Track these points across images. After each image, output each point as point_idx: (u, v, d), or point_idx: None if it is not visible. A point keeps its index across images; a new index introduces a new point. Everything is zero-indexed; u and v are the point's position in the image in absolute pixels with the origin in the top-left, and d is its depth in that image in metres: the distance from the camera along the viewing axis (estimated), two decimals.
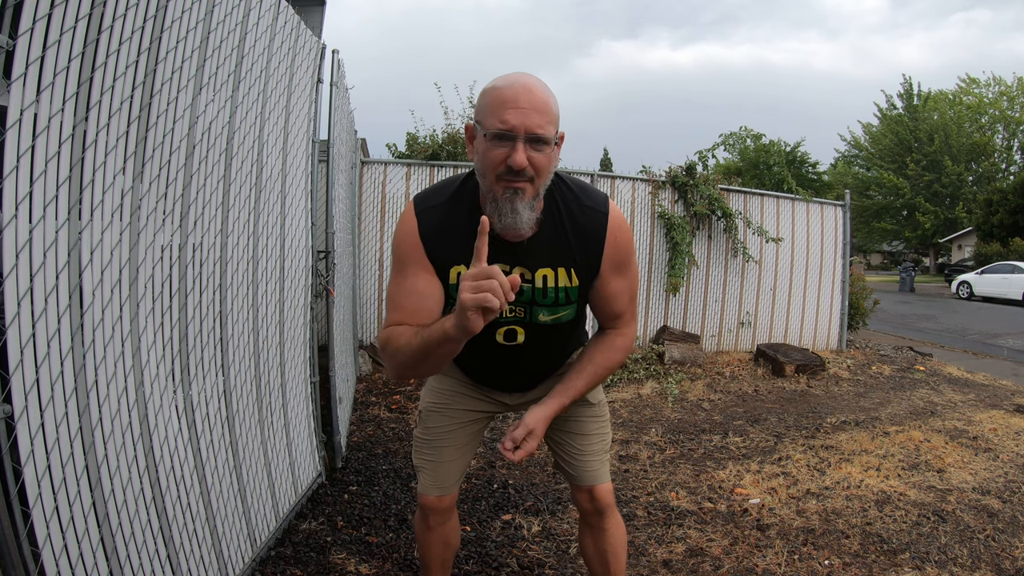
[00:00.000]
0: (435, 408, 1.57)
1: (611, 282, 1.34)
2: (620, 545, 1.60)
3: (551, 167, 1.20)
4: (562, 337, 1.45)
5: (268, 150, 2.20)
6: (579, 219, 1.29)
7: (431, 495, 1.56)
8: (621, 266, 1.34)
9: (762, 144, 21.60)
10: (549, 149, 1.17)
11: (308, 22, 2.70)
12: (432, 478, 1.56)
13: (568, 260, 1.30)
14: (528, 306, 1.33)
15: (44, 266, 1.17)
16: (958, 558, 2.26)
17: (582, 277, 1.32)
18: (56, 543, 1.18)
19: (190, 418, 1.70)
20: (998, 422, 4.08)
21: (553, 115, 1.17)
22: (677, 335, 5.93)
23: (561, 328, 1.40)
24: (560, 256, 1.29)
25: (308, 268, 2.67)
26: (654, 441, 3.64)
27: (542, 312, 1.33)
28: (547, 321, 1.35)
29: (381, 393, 4.47)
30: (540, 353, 1.46)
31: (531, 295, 1.31)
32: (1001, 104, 27.71)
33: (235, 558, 1.89)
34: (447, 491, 1.57)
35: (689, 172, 6.07)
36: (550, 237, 1.27)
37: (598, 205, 1.31)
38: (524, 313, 1.34)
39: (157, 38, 1.47)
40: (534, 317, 1.34)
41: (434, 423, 1.56)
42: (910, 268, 20.17)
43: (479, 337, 1.24)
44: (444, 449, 1.55)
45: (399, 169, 5.44)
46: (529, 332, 1.37)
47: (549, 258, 1.29)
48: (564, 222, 1.29)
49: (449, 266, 1.28)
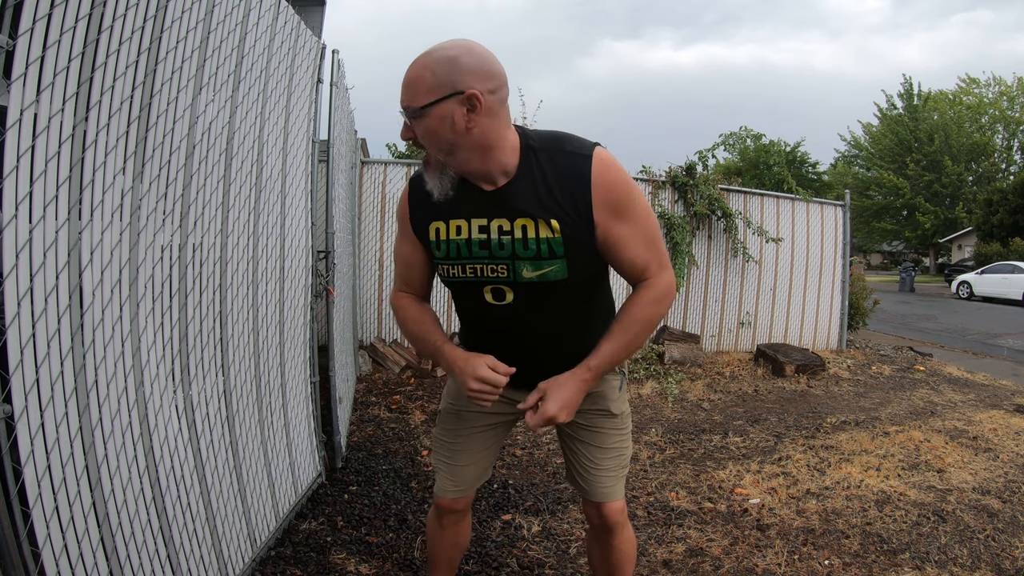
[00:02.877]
0: (453, 409, 1.53)
1: (613, 228, 1.24)
2: (628, 560, 1.57)
3: (451, 135, 1.16)
4: (561, 306, 1.34)
5: (268, 150, 2.20)
6: (560, 164, 1.23)
7: (447, 497, 1.53)
8: (619, 208, 1.23)
9: (762, 144, 21.66)
10: (426, 120, 1.16)
11: (308, 22, 2.70)
12: (449, 480, 1.53)
13: (549, 210, 1.22)
14: (510, 261, 1.26)
15: (44, 266, 1.17)
16: (958, 558, 2.26)
17: (568, 227, 1.23)
18: (56, 543, 1.18)
19: (190, 418, 1.70)
20: (998, 422, 4.08)
21: (425, 85, 1.14)
22: (677, 335, 5.93)
23: (556, 293, 1.30)
24: (539, 205, 1.22)
25: (308, 268, 2.67)
26: (654, 441, 3.64)
27: (525, 267, 1.26)
28: (532, 277, 1.26)
29: (381, 393, 4.47)
30: (544, 327, 1.36)
31: (511, 247, 1.25)
32: (1001, 104, 27.71)
33: (235, 558, 1.89)
34: (463, 493, 1.54)
35: (689, 172, 6.07)
36: (528, 187, 1.22)
37: (581, 150, 1.23)
38: (507, 271, 1.27)
39: (157, 38, 1.47)
40: (518, 274, 1.27)
41: (452, 424, 1.53)
42: (910, 268, 20.17)
43: (469, 297, 1.37)
44: (460, 452, 1.52)
45: (399, 169, 5.45)
46: (517, 292, 1.30)
47: (528, 208, 1.23)
48: (544, 170, 1.23)
49: (428, 222, 1.32)
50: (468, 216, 1.26)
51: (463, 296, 1.39)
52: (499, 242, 1.25)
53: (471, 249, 1.28)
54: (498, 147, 1.20)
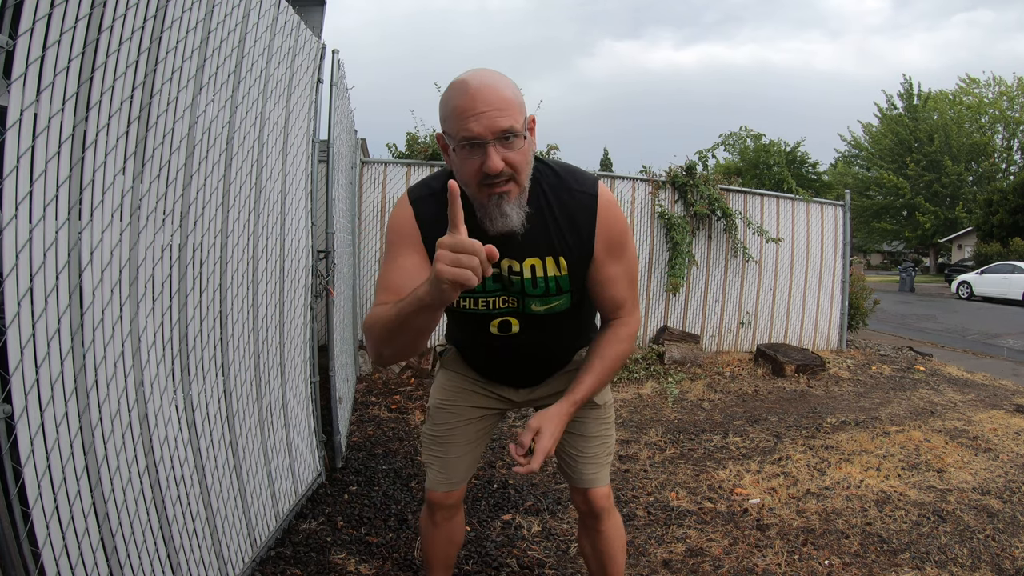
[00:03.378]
0: (442, 405, 1.57)
1: (607, 266, 1.30)
2: (617, 547, 1.60)
3: (528, 159, 1.17)
4: (560, 327, 1.41)
5: (268, 150, 2.20)
6: (567, 203, 1.25)
7: (438, 490, 1.57)
8: (616, 248, 1.30)
9: (762, 144, 21.66)
10: (520, 141, 1.12)
11: (308, 22, 2.70)
12: (440, 473, 1.56)
13: (556, 248, 1.26)
14: (520, 296, 1.31)
15: (44, 266, 1.17)
16: (958, 558, 2.26)
17: (573, 264, 1.28)
18: (56, 543, 1.18)
19: (190, 418, 1.70)
20: (998, 422, 4.08)
21: (514, 105, 1.12)
22: (677, 335, 5.93)
23: (558, 318, 1.35)
24: (548, 244, 1.26)
25: (308, 268, 2.67)
26: (654, 441, 3.64)
27: (534, 303, 1.31)
28: (540, 311, 1.32)
29: (381, 393, 4.47)
30: (540, 344, 1.42)
31: (520, 286, 1.29)
32: (1001, 104, 27.70)
33: (235, 558, 1.89)
34: (454, 487, 1.57)
35: (689, 172, 6.07)
36: (537, 225, 1.23)
37: (586, 187, 1.27)
38: (517, 303, 1.32)
39: (157, 38, 1.47)
40: (527, 307, 1.32)
41: (441, 420, 1.56)
42: (910, 268, 20.17)
43: (473, 328, 1.36)
44: (451, 446, 1.55)
45: (399, 169, 5.45)
46: (523, 322, 1.35)
47: (536, 247, 1.25)
48: (552, 208, 1.25)
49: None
50: None
51: (467, 325, 1.42)
52: (510, 279, 1.29)
53: (485, 284, 1.28)
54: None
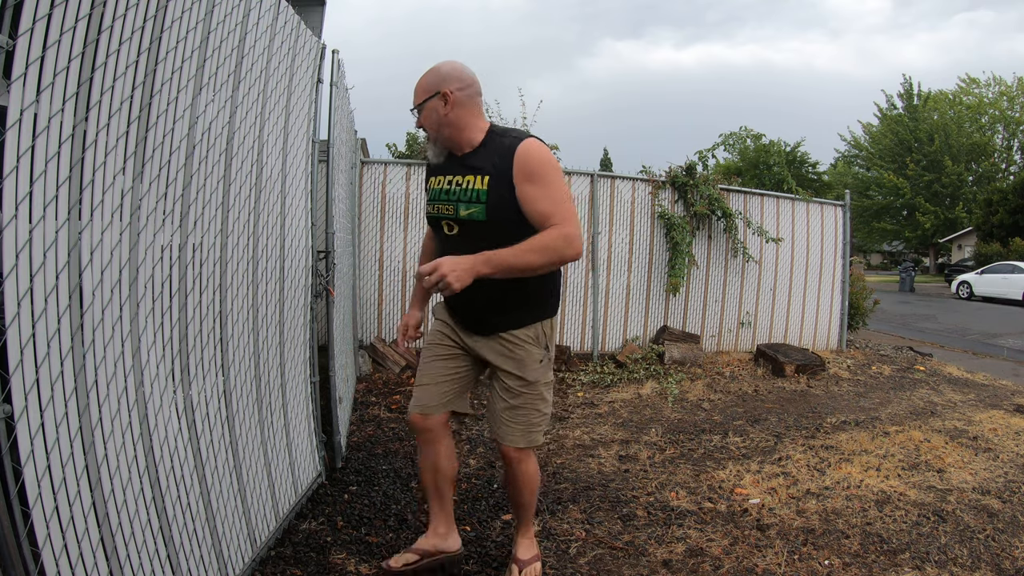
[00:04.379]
0: (426, 343, 2.03)
1: (523, 187, 1.71)
2: (526, 484, 1.99)
3: (437, 120, 1.78)
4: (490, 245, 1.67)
5: (268, 150, 2.20)
6: (500, 143, 1.77)
7: (412, 412, 1.95)
8: (531, 176, 1.71)
9: (762, 144, 21.67)
10: (423, 112, 1.80)
11: (308, 22, 2.70)
12: (414, 398, 1.96)
13: (484, 170, 1.76)
14: (455, 203, 1.80)
15: (44, 266, 1.17)
16: (958, 558, 2.27)
17: (493, 181, 1.74)
18: (56, 543, 1.18)
19: (190, 418, 1.70)
20: (998, 422, 4.08)
21: (424, 88, 1.80)
22: (677, 335, 5.93)
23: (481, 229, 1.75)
24: (480, 168, 1.77)
25: (308, 268, 2.67)
26: (654, 441, 3.64)
27: (462, 207, 1.78)
28: (464, 216, 1.78)
29: (381, 393, 4.47)
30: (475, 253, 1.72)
31: (458, 193, 1.80)
32: (1001, 104, 27.71)
33: (235, 558, 1.89)
34: (425, 410, 1.93)
35: (689, 172, 6.07)
36: (480, 155, 1.79)
37: (519, 137, 1.76)
38: (453, 209, 1.80)
39: (157, 38, 1.47)
40: (458, 212, 1.79)
41: (425, 354, 1.99)
42: (910, 268, 20.18)
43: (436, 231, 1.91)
44: (423, 375, 1.97)
45: (399, 169, 5.45)
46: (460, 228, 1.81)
47: (474, 169, 1.78)
48: (493, 147, 1.78)
49: (429, 177, 1.94)
50: (444, 173, 1.86)
51: (433, 228, 1.96)
52: (452, 190, 1.82)
53: (439, 194, 1.85)
54: (467, 128, 1.80)
